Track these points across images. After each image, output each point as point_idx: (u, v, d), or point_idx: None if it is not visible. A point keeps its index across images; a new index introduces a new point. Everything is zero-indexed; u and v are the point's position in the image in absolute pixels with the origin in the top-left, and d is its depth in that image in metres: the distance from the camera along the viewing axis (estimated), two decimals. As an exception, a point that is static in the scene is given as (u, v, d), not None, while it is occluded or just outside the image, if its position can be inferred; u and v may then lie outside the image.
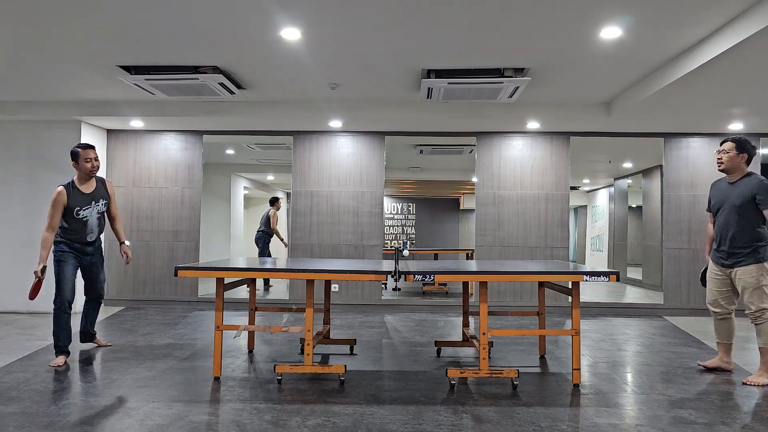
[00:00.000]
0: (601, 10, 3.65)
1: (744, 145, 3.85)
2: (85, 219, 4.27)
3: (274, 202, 9.11)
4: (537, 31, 4.03)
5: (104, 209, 4.43)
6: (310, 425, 2.90)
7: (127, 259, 4.45)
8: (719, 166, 3.94)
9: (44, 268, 4.11)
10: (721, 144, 3.95)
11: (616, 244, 11.65)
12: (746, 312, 3.83)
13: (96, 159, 4.31)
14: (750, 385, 3.71)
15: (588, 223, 14.27)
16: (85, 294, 4.56)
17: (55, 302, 4.22)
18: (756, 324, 3.78)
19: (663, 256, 7.01)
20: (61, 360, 4.12)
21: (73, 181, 4.29)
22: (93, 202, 4.32)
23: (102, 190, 4.42)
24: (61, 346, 4.19)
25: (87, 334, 4.63)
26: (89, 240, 4.35)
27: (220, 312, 3.72)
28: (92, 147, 4.32)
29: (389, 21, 3.88)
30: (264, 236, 8.78)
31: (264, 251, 8.78)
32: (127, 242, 4.57)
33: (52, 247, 4.21)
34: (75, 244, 4.29)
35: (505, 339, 5.13)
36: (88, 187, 4.33)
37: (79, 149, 4.27)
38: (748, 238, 3.78)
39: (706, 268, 4.10)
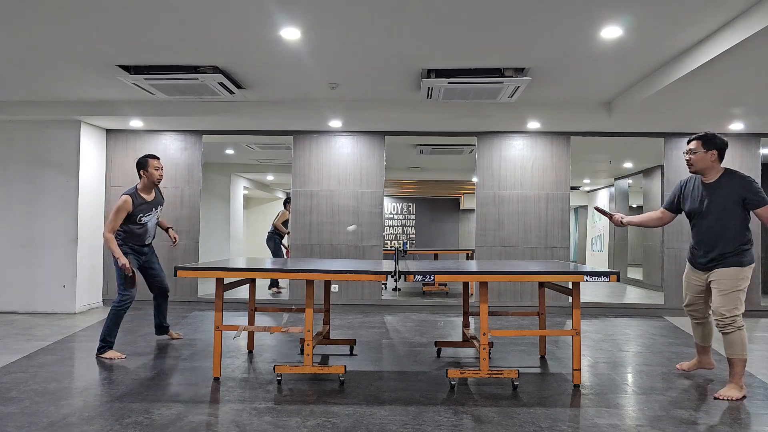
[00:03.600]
0: (601, 10, 3.65)
1: (711, 141, 3.52)
2: (146, 224, 4.56)
3: (286, 203, 8.75)
4: (537, 31, 4.03)
5: (159, 213, 4.74)
6: (309, 426, 2.90)
7: (175, 242, 4.81)
8: (690, 168, 3.63)
9: (127, 260, 4.36)
10: (688, 143, 3.62)
11: (616, 245, 11.64)
12: (715, 318, 3.51)
13: (162, 168, 4.64)
14: (722, 399, 3.42)
15: (588, 223, 14.26)
16: (151, 291, 4.85)
17: (121, 300, 4.36)
18: (724, 333, 3.46)
19: (663, 256, 7.01)
20: (117, 354, 4.33)
21: (137, 190, 4.53)
22: (153, 209, 4.62)
23: (159, 197, 4.72)
24: (111, 342, 4.37)
25: (161, 328, 4.95)
26: (147, 243, 4.66)
27: (219, 312, 3.71)
28: (158, 157, 4.65)
29: (389, 21, 3.88)
30: (273, 236, 8.57)
31: (276, 252, 8.54)
32: (171, 227, 4.99)
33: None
34: (134, 246, 4.54)
35: (505, 339, 5.13)
36: (150, 195, 4.60)
37: (149, 158, 4.58)
38: (736, 241, 3.50)
39: (604, 211, 3.89)
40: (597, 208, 3.99)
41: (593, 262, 13.50)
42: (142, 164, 4.58)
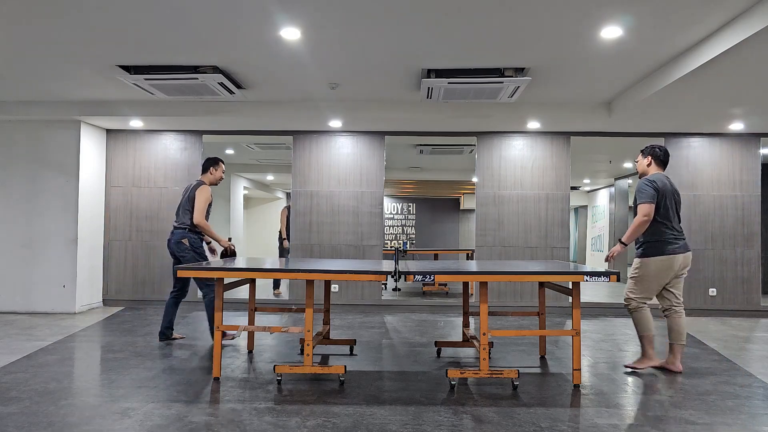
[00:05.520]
0: (601, 10, 3.65)
1: (647, 150, 4.21)
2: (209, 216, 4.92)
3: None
4: (537, 31, 4.03)
5: None
6: (309, 426, 2.90)
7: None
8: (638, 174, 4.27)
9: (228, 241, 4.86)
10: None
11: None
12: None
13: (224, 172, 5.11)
14: (632, 369, 4.05)
15: (588, 223, 14.26)
16: (179, 285, 4.96)
17: (211, 292, 4.71)
18: (629, 312, 4.11)
19: (663, 256, 7.00)
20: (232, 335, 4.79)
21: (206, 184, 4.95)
22: None
23: None
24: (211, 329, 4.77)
25: (169, 330, 4.93)
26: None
27: (219, 312, 3.71)
28: None
29: (389, 21, 3.88)
30: (279, 238, 8.40)
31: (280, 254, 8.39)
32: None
33: (194, 241, 4.80)
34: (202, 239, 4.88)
35: (505, 339, 5.13)
36: None
37: (219, 160, 5.04)
38: (644, 234, 4.09)
39: None
40: None
41: (593, 262, 13.50)
42: (215, 162, 4.98)
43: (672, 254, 3.98)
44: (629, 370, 4.07)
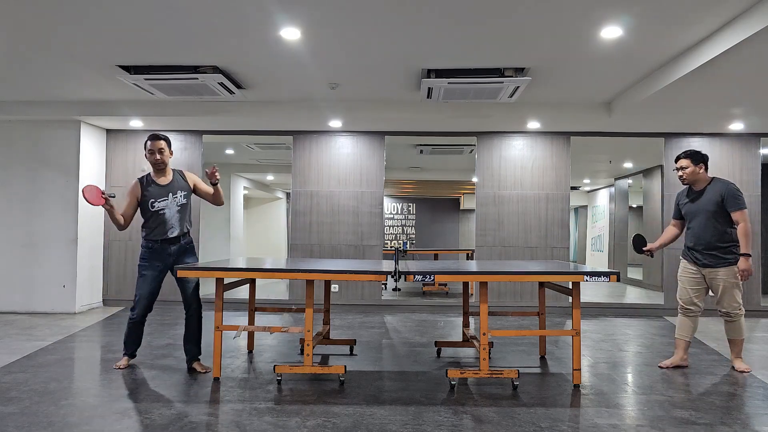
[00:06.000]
0: (601, 10, 3.65)
1: (698, 157, 4.10)
2: (161, 212, 4.00)
3: None
4: (537, 31, 4.03)
5: (183, 200, 4.05)
6: (309, 426, 2.90)
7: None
8: (683, 182, 4.17)
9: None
10: (676, 161, 4.18)
11: (616, 244, 11.64)
12: (722, 310, 4.04)
13: (158, 150, 3.94)
14: (743, 371, 4.06)
15: (588, 223, 14.26)
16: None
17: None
18: (733, 321, 4.04)
19: (663, 256, 7.01)
20: (123, 362, 4.03)
21: (149, 174, 4.09)
22: (170, 194, 4.01)
23: (178, 182, 4.08)
24: (125, 349, 4.06)
25: (188, 359, 4.04)
26: (169, 236, 4.06)
27: (219, 312, 3.71)
28: (159, 137, 3.95)
29: (389, 21, 3.88)
30: None
31: None
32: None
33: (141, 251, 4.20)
34: (153, 243, 4.09)
35: (505, 339, 5.13)
36: (163, 179, 4.05)
37: (146, 141, 3.99)
38: (725, 240, 3.99)
39: (643, 241, 4.40)
40: (642, 250, 4.39)
41: (593, 262, 13.50)
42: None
43: None
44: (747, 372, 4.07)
